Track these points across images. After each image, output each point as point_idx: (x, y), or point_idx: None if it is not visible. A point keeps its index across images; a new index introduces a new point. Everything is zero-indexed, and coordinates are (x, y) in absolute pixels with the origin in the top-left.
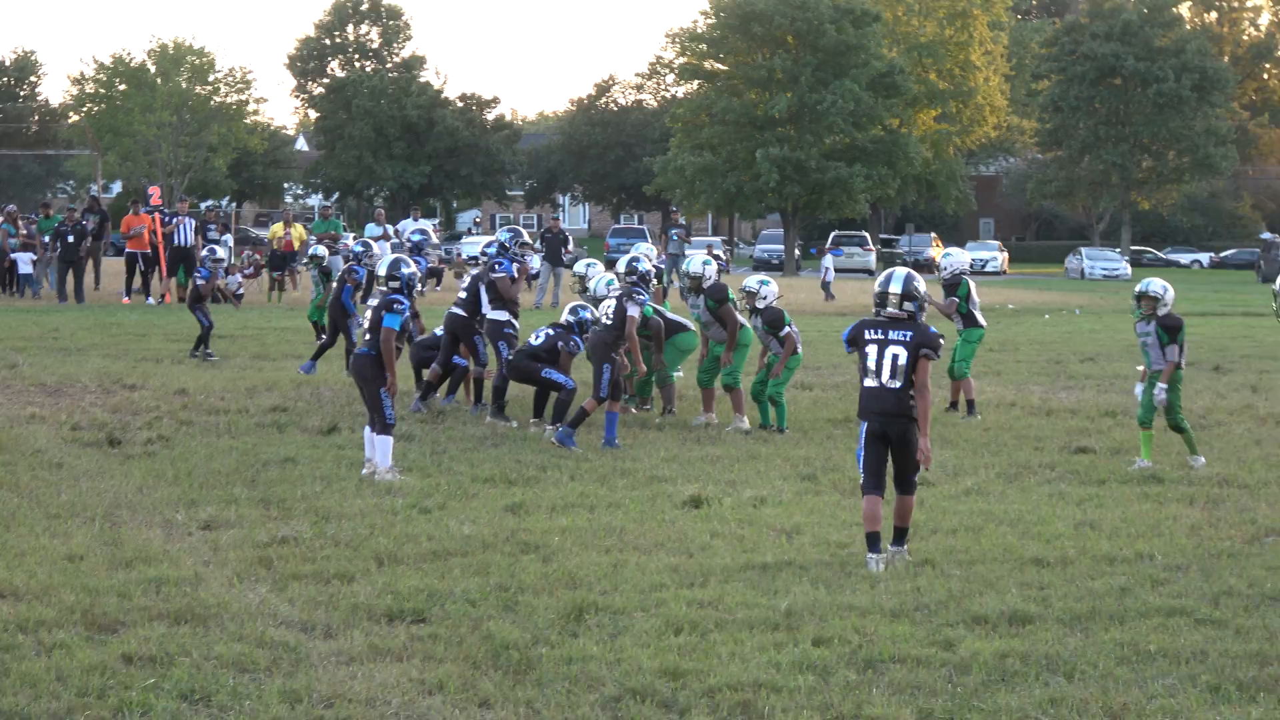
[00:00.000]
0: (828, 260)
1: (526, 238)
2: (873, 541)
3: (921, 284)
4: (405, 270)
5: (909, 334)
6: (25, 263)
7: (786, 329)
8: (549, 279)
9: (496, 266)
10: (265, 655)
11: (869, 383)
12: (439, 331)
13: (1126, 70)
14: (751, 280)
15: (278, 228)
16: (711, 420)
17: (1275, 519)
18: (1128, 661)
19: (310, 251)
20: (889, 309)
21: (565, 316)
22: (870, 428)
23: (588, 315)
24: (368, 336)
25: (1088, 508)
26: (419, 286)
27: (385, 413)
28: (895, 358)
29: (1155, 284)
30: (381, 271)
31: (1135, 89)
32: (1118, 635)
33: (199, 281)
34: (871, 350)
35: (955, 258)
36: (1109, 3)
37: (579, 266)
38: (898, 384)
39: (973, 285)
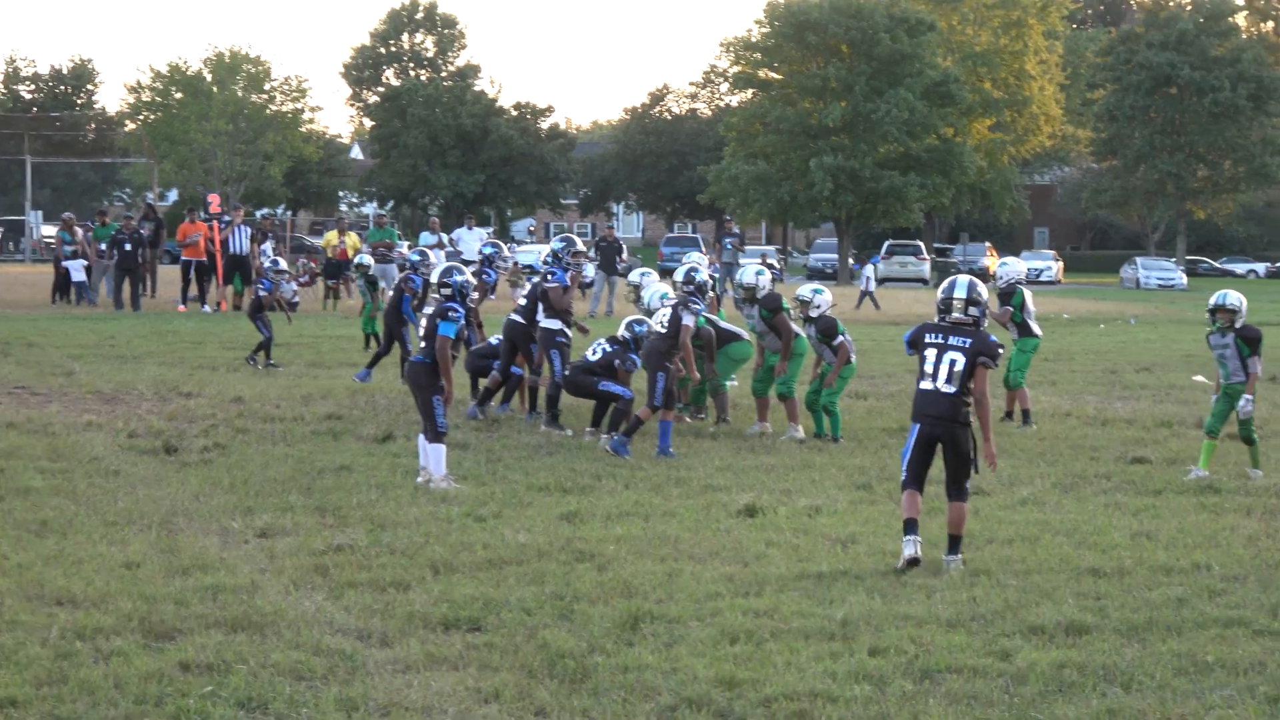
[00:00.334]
0: (868, 270)
1: (580, 246)
2: (910, 526)
3: (984, 291)
4: (457, 278)
5: (968, 341)
6: (78, 270)
7: (840, 338)
8: (604, 287)
9: (550, 276)
10: (321, 663)
11: (924, 385)
12: (494, 340)
13: (1182, 79)
14: (805, 289)
15: (332, 236)
16: (766, 429)
17: None
18: (1185, 672)
19: (356, 260)
20: (954, 314)
21: (621, 332)
22: (921, 430)
23: (644, 330)
24: (423, 344)
25: (1144, 518)
26: (473, 295)
27: (437, 420)
28: (953, 363)
29: (1232, 296)
30: (434, 279)
31: (1191, 98)
32: (1175, 646)
33: (261, 292)
34: (930, 353)
35: (1011, 267)
36: (1164, 12)
37: (634, 275)
38: (952, 389)
39: (1028, 295)
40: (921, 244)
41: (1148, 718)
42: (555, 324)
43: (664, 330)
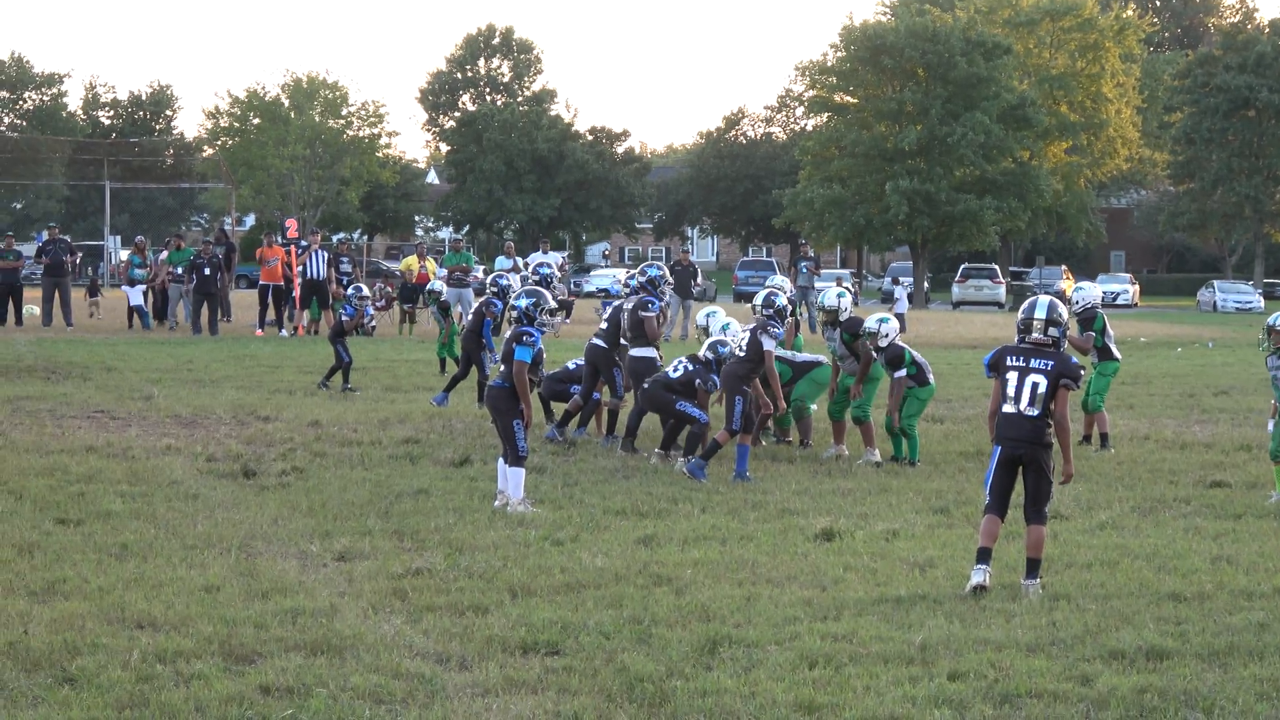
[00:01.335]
0: (899, 290)
1: (667, 274)
2: (982, 555)
3: (1065, 311)
4: (524, 301)
5: (1050, 363)
6: (136, 295)
7: (902, 371)
8: (679, 311)
9: (649, 305)
10: (401, 687)
11: (1007, 409)
12: (571, 365)
13: (1260, 102)
14: (871, 320)
15: (411, 260)
16: (842, 452)
17: None
18: (1267, 697)
19: (429, 287)
20: (1034, 335)
21: (704, 353)
22: (1003, 453)
23: (726, 351)
24: (503, 369)
25: (1224, 542)
26: (546, 319)
27: (518, 444)
28: (1035, 386)
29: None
30: (513, 304)
31: (1269, 120)
32: (1257, 671)
33: (344, 318)
34: (1012, 377)
35: (1087, 291)
36: (1242, 34)
37: (700, 318)
38: (1035, 412)
39: (1106, 318)
40: (997, 267)
41: None
42: (649, 353)
43: (743, 354)
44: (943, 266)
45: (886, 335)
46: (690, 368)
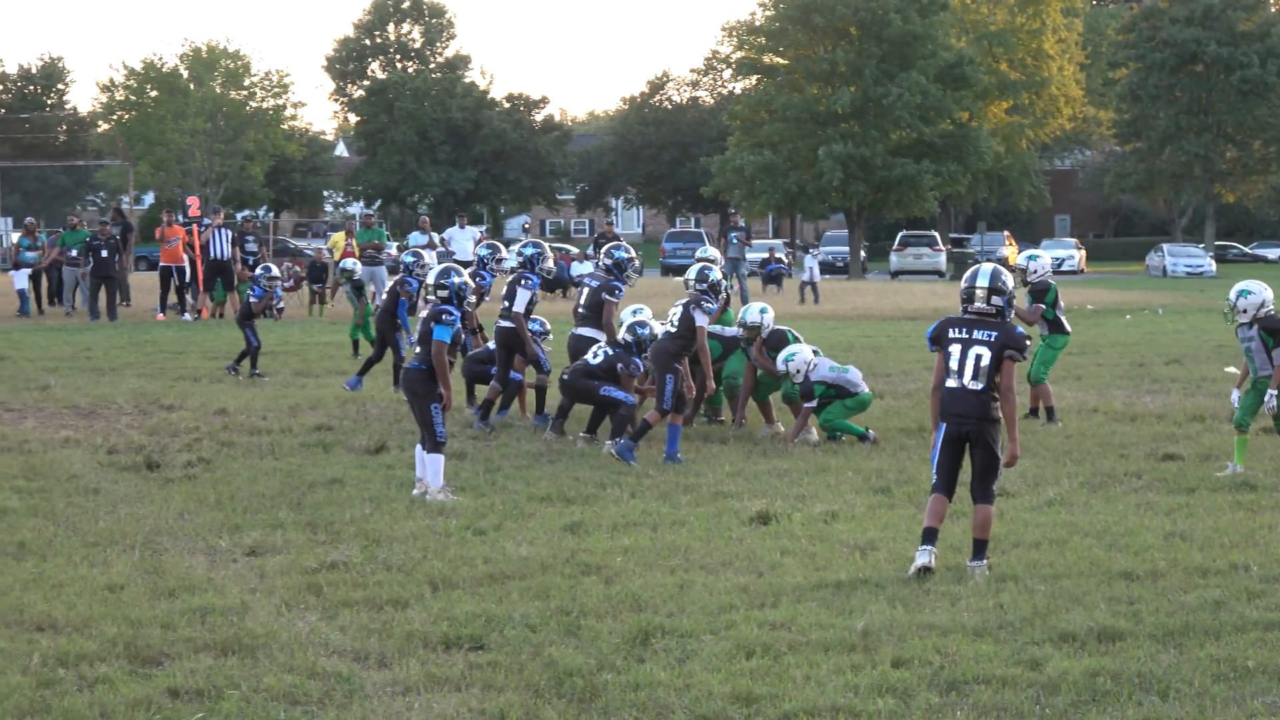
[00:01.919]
0: (809, 259)
1: (635, 257)
2: (928, 536)
3: (1009, 278)
4: (454, 279)
5: (994, 334)
6: (20, 279)
7: (813, 401)
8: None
9: (616, 290)
10: (317, 686)
11: (950, 383)
12: (491, 345)
13: (1208, 56)
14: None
15: (339, 237)
16: (777, 430)
17: None
18: (1224, 678)
19: (342, 265)
20: (976, 304)
21: (624, 335)
22: (948, 430)
23: (647, 333)
24: (418, 350)
25: (1178, 517)
26: (470, 298)
27: (436, 430)
28: (979, 358)
29: (1245, 291)
30: (430, 280)
31: (1218, 76)
32: (1213, 651)
33: (252, 300)
34: (955, 349)
35: (1042, 261)
36: None
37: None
38: (980, 385)
39: (1058, 290)
40: (937, 234)
41: None
42: (594, 334)
43: (674, 330)
44: (880, 234)
45: (798, 371)
46: (611, 352)
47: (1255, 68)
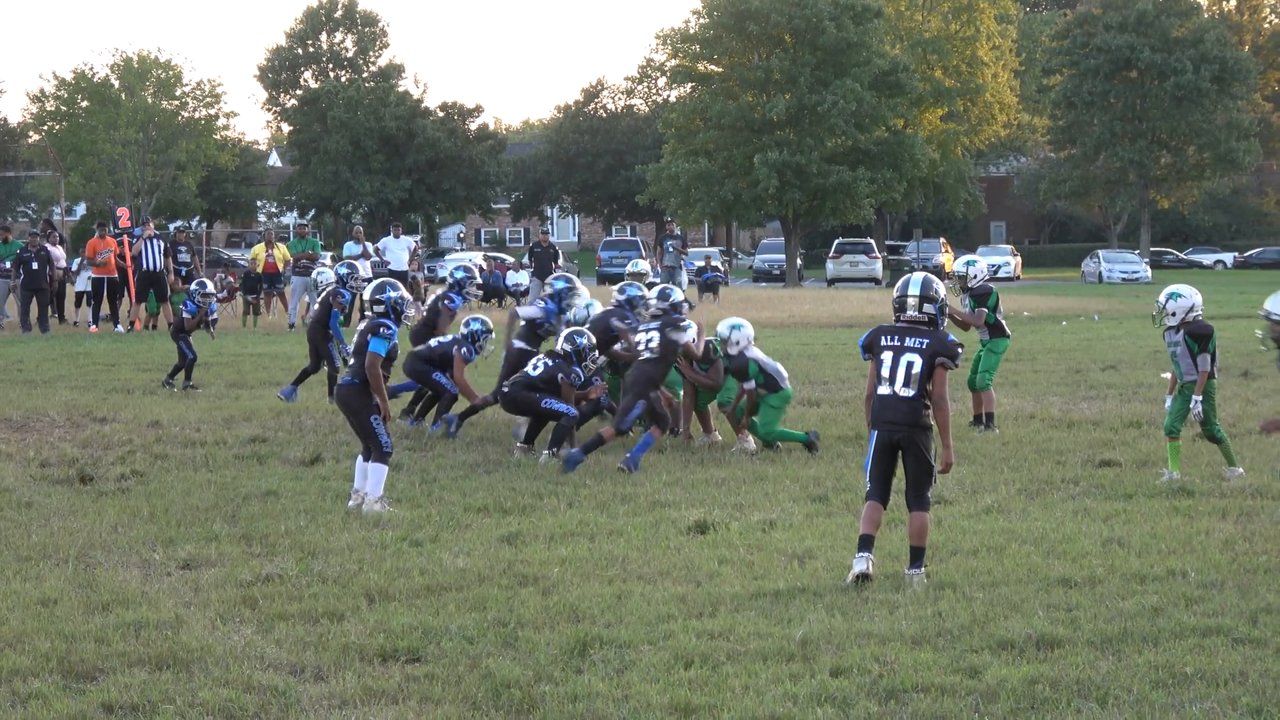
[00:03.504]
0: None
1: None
2: (864, 543)
3: (941, 288)
4: (391, 294)
5: (925, 341)
6: None
7: (751, 381)
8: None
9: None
10: (253, 700)
11: (882, 390)
12: (434, 343)
13: (1142, 62)
14: (724, 326)
15: (259, 249)
16: (715, 439)
17: None
18: (1163, 685)
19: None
20: (908, 313)
21: (562, 345)
22: (880, 438)
23: (585, 342)
24: (351, 363)
25: (1115, 524)
26: (408, 313)
27: (381, 440)
28: (910, 365)
29: (1163, 294)
30: (366, 295)
31: (1152, 82)
32: (1152, 657)
33: (185, 315)
34: (887, 357)
35: (979, 266)
36: None
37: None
38: (911, 393)
39: (999, 294)
40: (873, 242)
41: None
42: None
43: (654, 355)
44: (816, 242)
45: (737, 343)
46: (550, 363)
47: (1189, 74)
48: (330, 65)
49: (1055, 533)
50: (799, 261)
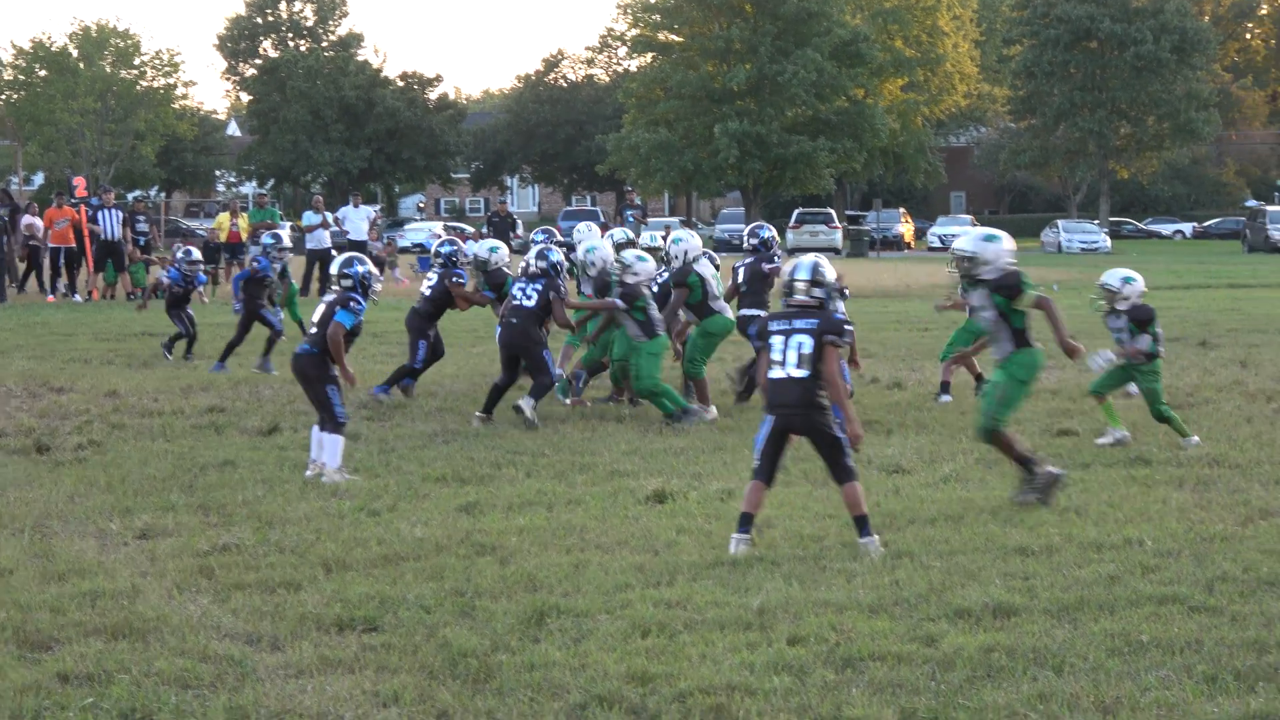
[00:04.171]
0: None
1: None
2: (744, 522)
3: (830, 271)
4: (359, 268)
5: (814, 321)
6: None
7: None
8: None
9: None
10: (209, 670)
11: (774, 374)
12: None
13: (1102, 32)
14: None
15: (224, 218)
16: (712, 413)
17: (1268, 500)
18: (1119, 653)
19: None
20: (797, 296)
21: (536, 264)
22: (775, 423)
23: (556, 257)
24: (312, 333)
25: (1072, 492)
26: (376, 287)
27: (335, 410)
28: (800, 345)
29: (1114, 276)
30: (333, 269)
31: (1112, 52)
32: (1108, 625)
33: (166, 282)
34: (777, 341)
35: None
36: None
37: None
38: (804, 373)
39: None
40: (833, 212)
41: (1080, 701)
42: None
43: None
44: (776, 212)
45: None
46: (539, 287)
47: (1149, 44)
48: (290, 34)
49: (1012, 502)
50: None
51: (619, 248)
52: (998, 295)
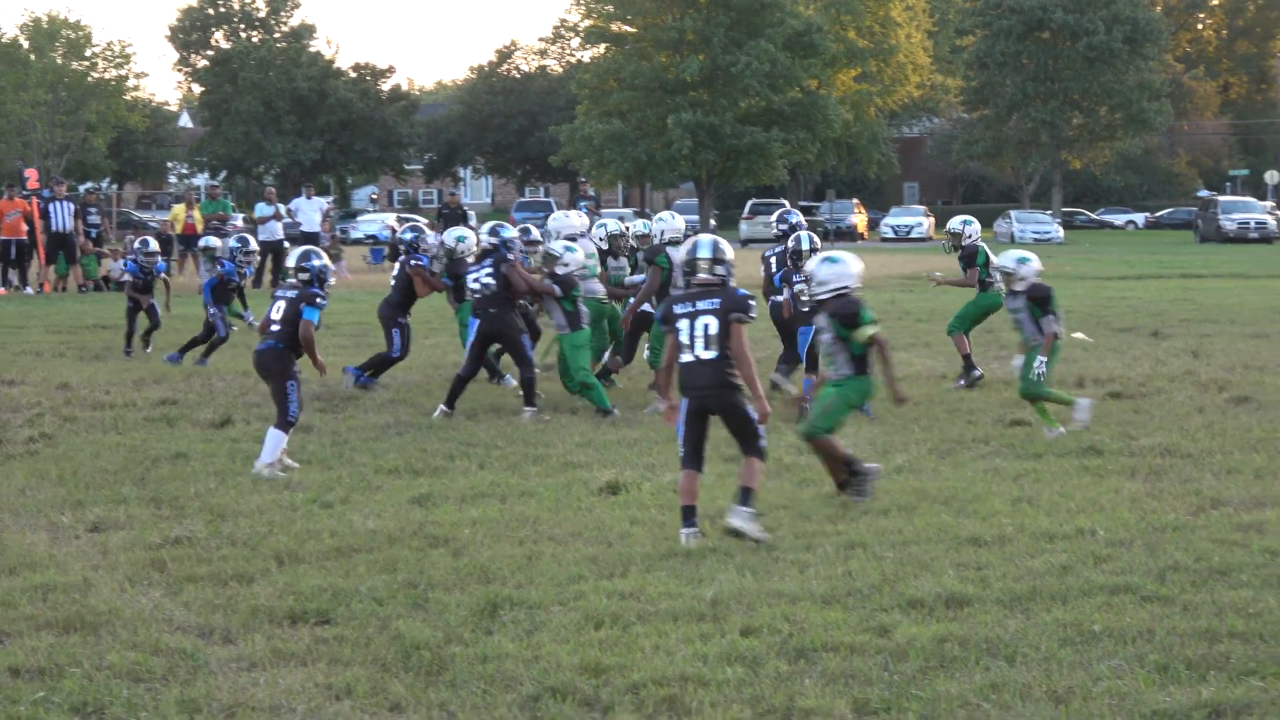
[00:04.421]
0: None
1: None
2: (686, 514)
3: (729, 249)
4: (315, 262)
5: (717, 301)
6: None
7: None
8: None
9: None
10: (161, 663)
11: (685, 358)
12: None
13: (1055, 23)
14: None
15: (179, 210)
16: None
17: (1220, 489)
18: (1071, 643)
19: (201, 244)
20: (700, 275)
21: (488, 240)
22: (690, 405)
23: (507, 233)
24: (274, 329)
25: (1025, 483)
26: (331, 280)
27: (289, 408)
28: (706, 327)
29: (1009, 258)
30: (290, 263)
31: (1064, 42)
32: (1060, 615)
33: (136, 281)
34: (683, 324)
35: (975, 226)
36: None
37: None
38: (713, 354)
39: (989, 251)
40: (786, 202)
41: (1033, 691)
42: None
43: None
44: (730, 203)
45: (565, 265)
46: (491, 265)
47: (1101, 34)
48: (242, 25)
49: (965, 492)
50: (713, 222)
51: (611, 238)
52: (836, 321)
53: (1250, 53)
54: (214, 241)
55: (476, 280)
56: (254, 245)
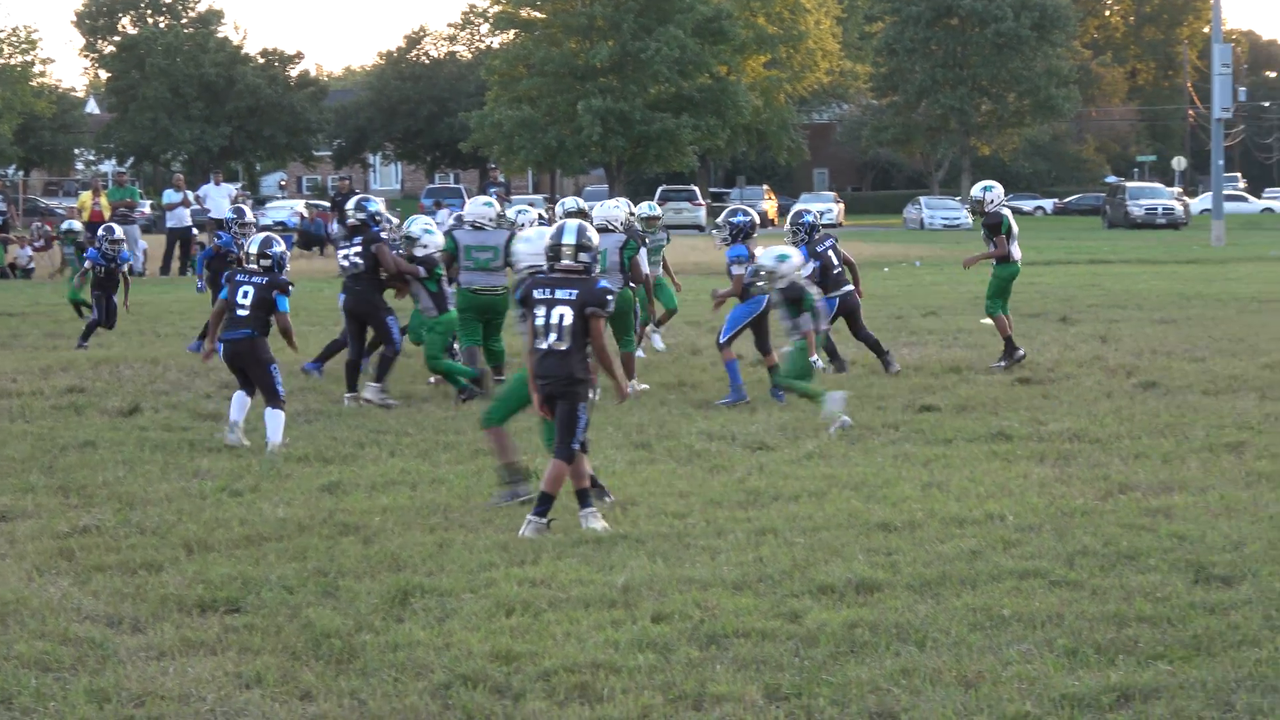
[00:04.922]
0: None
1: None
2: (582, 498)
3: (595, 236)
4: (276, 249)
5: (574, 292)
6: None
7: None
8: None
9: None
10: (69, 653)
11: (540, 345)
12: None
13: (963, 9)
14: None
15: (86, 197)
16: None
17: (1128, 474)
18: (981, 627)
19: (64, 226)
20: (563, 261)
21: (355, 216)
22: (541, 392)
23: (373, 207)
24: (242, 315)
25: (934, 468)
26: (287, 266)
27: (278, 390)
28: (562, 318)
29: (769, 256)
30: (253, 250)
31: (973, 29)
32: (970, 600)
33: (99, 270)
34: (540, 311)
35: (997, 191)
36: None
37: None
38: (565, 345)
39: (1011, 218)
40: (697, 189)
41: (943, 676)
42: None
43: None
44: (640, 189)
45: (424, 247)
46: (360, 244)
47: (1009, 21)
48: (149, 11)
49: (875, 477)
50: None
51: (568, 215)
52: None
53: (1157, 39)
54: (77, 225)
55: (346, 257)
56: (250, 217)
